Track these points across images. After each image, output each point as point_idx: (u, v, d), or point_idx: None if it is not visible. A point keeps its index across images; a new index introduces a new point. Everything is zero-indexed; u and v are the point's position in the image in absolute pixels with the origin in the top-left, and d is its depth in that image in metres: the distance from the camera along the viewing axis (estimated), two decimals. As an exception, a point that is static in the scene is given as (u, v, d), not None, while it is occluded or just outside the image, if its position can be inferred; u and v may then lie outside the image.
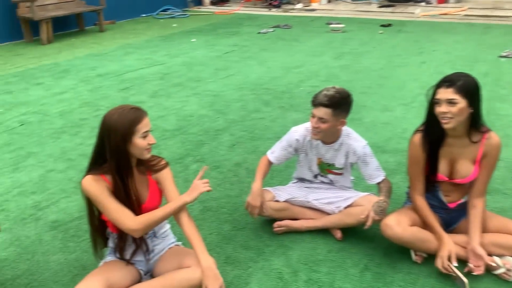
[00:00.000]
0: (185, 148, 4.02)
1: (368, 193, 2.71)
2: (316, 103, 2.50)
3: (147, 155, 2.13)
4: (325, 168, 2.75)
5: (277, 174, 3.47)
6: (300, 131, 2.72)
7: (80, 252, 2.65)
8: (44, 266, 2.54)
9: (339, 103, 2.48)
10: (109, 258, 2.30)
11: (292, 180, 3.00)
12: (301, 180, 2.91)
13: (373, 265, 2.51)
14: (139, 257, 2.30)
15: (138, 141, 2.07)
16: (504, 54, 6.80)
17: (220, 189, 3.32)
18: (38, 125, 4.69)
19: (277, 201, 2.76)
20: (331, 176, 2.78)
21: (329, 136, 2.62)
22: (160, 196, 2.30)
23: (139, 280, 2.29)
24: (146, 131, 2.08)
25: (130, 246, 2.26)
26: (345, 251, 2.62)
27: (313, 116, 2.53)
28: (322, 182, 2.84)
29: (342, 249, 2.64)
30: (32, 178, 3.55)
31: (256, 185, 2.68)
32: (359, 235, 2.73)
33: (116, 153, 2.06)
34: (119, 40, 8.84)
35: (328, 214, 2.76)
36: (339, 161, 2.70)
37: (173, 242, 2.42)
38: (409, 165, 2.50)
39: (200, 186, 2.11)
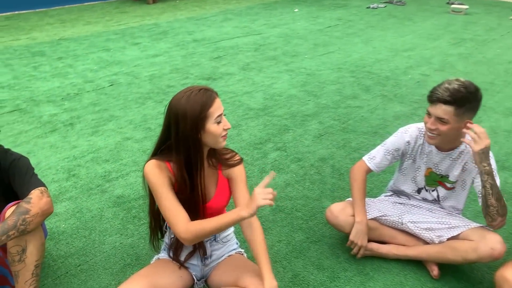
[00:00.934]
0: (267, 132, 3.65)
1: (482, 224, 2.13)
2: (434, 98, 1.97)
3: (223, 143, 1.79)
4: (437, 179, 2.22)
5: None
6: (412, 131, 2.21)
7: (138, 238, 2.43)
8: (99, 247, 2.36)
9: (465, 100, 1.93)
10: (163, 255, 2.04)
11: (386, 192, 2.50)
12: (398, 193, 2.40)
13: (476, 321, 1.98)
14: (194, 261, 2.01)
15: (212, 127, 1.72)
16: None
17: (298, 188, 2.91)
18: (126, 87, 4.62)
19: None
20: (440, 191, 2.24)
21: (448, 142, 2.09)
22: (228, 195, 1.97)
23: (191, 287, 2.01)
24: (220, 115, 1.73)
25: (187, 247, 1.97)
26: (440, 295, 2.10)
27: (429, 115, 2.01)
28: (425, 200, 2.30)
29: (437, 292, 2.12)
30: (109, 144, 3.44)
31: (362, 218, 2.20)
32: (462, 279, 2.18)
33: (186, 143, 1.74)
34: (221, 5, 8.63)
35: (425, 242, 2.24)
36: (453, 173, 2.15)
37: (234, 249, 2.09)
38: None
39: (259, 198, 1.72)
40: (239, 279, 1.88)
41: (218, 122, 1.73)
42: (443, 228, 2.17)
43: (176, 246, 1.96)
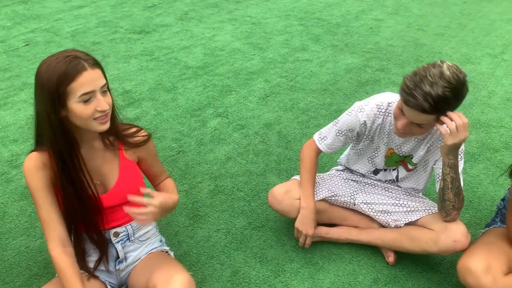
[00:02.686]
0: (206, 95, 3.24)
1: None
2: (410, 105, 1.53)
3: (99, 127, 1.41)
4: (398, 160, 1.91)
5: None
6: (369, 109, 1.81)
7: (49, 238, 2.04)
8: (0, 254, 1.96)
9: (449, 105, 1.54)
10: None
11: (338, 165, 2.19)
12: (350, 169, 2.09)
13: (435, 311, 1.78)
14: (107, 267, 1.66)
15: (77, 107, 1.35)
16: None
17: (241, 161, 2.57)
18: (44, 47, 4.00)
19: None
20: (400, 171, 1.94)
21: None
22: (136, 179, 1.62)
23: (109, 299, 1.68)
24: (88, 93, 1.34)
25: (93, 253, 1.62)
26: (397, 283, 1.87)
27: (402, 113, 1.62)
28: (380, 180, 2.01)
29: (392, 280, 1.89)
30: (19, 119, 2.93)
31: (308, 203, 1.88)
32: (419, 262, 1.96)
33: (47, 124, 1.38)
34: None
35: (380, 224, 1.99)
36: (418, 154, 1.85)
37: (156, 248, 1.75)
38: None
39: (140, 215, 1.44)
40: (150, 278, 1.56)
41: (85, 101, 1.35)
42: (401, 211, 1.90)
43: (78, 252, 1.59)
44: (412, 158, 1.86)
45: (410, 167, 1.90)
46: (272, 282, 1.86)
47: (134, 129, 1.61)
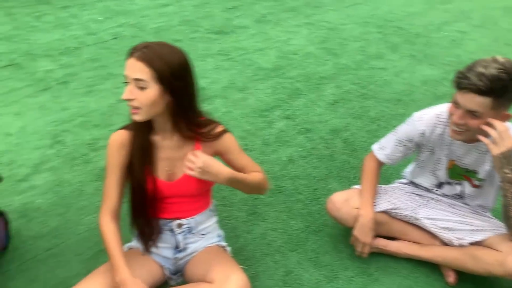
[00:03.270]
0: (275, 97, 3.28)
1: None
2: (464, 86, 1.52)
3: (132, 116, 1.50)
4: (461, 173, 1.83)
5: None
6: (427, 119, 1.78)
7: (118, 218, 2.19)
8: (73, 228, 2.14)
9: (505, 89, 1.48)
10: (133, 243, 1.79)
11: (402, 179, 2.14)
12: (416, 184, 2.03)
13: None
14: (166, 253, 1.75)
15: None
16: None
17: (303, 164, 2.58)
18: (130, 40, 4.27)
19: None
20: (466, 187, 1.86)
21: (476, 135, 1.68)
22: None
23: (162, 282, 1.77)
24: (125, 76, 1.47)
25: (157, 235, 1.72)
26: (456, 306, 1.79)
27: (457, 105, 1.58)
28: (445, 195, 1.94)
29: (452, 302, 1.81)
30: (101, 106, 3.16)
31: (368, 211, 1.87)
32: (481, 282, 1.86)
33: None
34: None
35: (442, 242, 1.90)
36: (483, 169, 1.76)
37: (214, 242, 1.81)
38: None
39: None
40: (208, 272, 1.62)
41: (126, 83, 1.47)
42: (466, 229, 1.82)
43: (143, 233, 1.70)
44: (476, 173, 1.77)
45: (476, 182, 1.81)
46: (324, 287, 1.86)
47: (211, 125, 1.64)
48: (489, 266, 1.67)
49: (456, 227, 1.84)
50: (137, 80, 1.43)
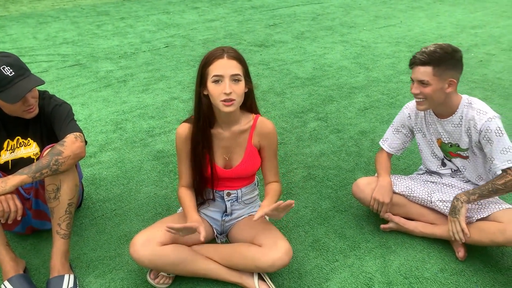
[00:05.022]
0: (310, 102, 3.63)
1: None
2: (412, 62, 2.02)
3: (224, 108, 1.73)
4: (448, 150, 2.19)
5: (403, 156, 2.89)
6: (411, 105, 2.26)
7: (171, 190, 2.56)
8: (134, 195, 2.52)
9: (441, 59, 1.94)
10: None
11: (418, 170, 2.43)
12: (429, 172, 2.33)
13: (496, 306, 1.91)
14: (216, 216, 2.09)
15: (210, 86, 1.73)
16: None
17: (333, 158, 2.89)
18: (180, 49, 4.74)
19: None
20: (458, 162, 2.20)
21: (441, 106, 2.07)
22: (256, 161, 1.99)
23: (212, 238, 2.10)
24: (218, 75, 1.69)
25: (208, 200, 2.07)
26: (462, 276, 2.04)
27: (412, 82, 2.05)
28: (452, 172, 2.24)
29: (459, 272, 2.06)
30: (156, 102, 3.58)
31: (385, 178, 2.24)
32: (489, 263, 2.11)
33: (197, 99, 1.83)
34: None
35: (454, 223, 2.17)
36: (463, 140, 2.11)
37: (255, 211, 2.14)
38: None
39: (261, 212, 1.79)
40: (255, 236, 1.94)
41: (215, 82, 1.70)
42: (473, 208, 2.09)
43: (197, 195, 2.04)
44: (459, 146, 2.13)
45: (463, 154, 2.15)
46: (347, 254, 2.15)
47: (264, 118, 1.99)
48: (492, 235, 1.93)
49: (465, 207, 2.11)
50: (234, 75, 1.71)
